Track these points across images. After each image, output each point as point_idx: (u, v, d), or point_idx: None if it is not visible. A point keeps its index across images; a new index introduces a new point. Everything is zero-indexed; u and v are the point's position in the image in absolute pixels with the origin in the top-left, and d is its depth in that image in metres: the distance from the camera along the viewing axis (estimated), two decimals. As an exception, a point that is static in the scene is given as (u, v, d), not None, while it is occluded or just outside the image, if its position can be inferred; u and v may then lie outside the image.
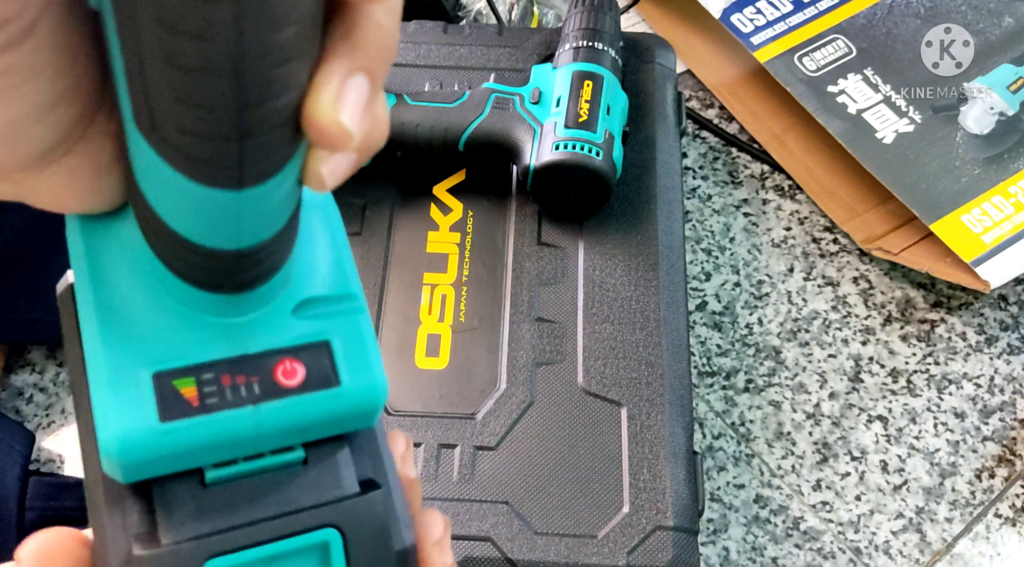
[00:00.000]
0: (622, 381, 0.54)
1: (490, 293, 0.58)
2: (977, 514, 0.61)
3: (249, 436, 0.21)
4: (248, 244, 0.19)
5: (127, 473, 0.20)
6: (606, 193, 0.59)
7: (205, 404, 0.20)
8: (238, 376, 0.20)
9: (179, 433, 0.20)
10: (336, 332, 0.22)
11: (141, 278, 0.20)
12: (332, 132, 0.16)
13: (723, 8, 0.77)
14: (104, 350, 0.20)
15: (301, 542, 0.21)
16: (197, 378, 0.20)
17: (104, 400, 0.19)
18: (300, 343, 0.21)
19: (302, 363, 0.21)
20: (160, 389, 0.20)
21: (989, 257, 0.65)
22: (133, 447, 0.19)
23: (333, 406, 0.21)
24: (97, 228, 0.21)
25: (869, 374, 0.65)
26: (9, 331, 0.60)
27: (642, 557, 0.49)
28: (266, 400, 0.20)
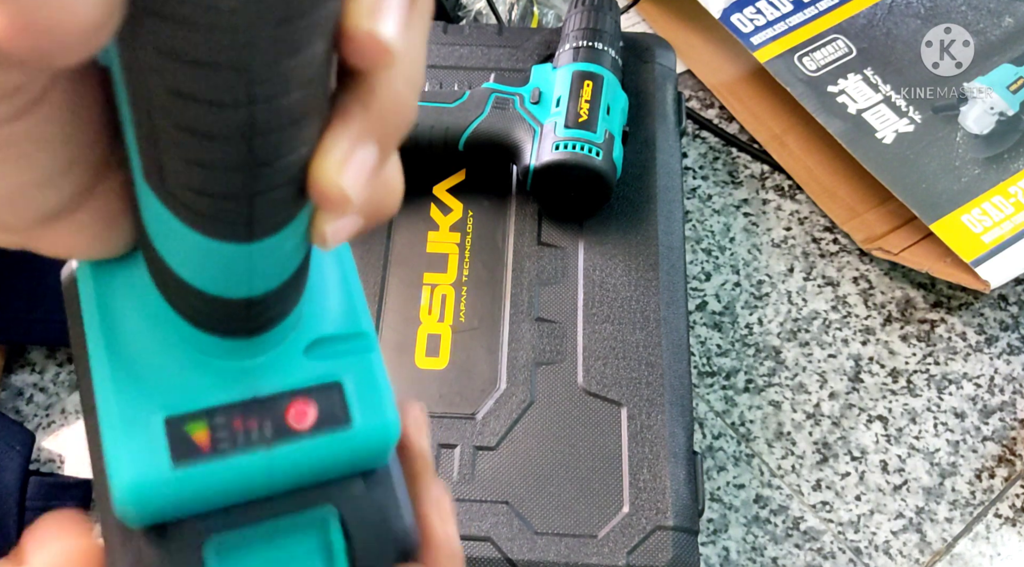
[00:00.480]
0: (622, 381, 0.54)
1: (490, 293, 0.58)
2: (977, 514, 0.61)
3: (262, 481, 0.21)
4: (259, 292, 0.19)
5: (138, 519, 0.20)
6: (606, 193, 0.59)
7: (217, 449, 0.20)
8: (250, 419, 0.20)
9: (191, 479, 0.19)
10: (347, 371, 0.21)
11: (151, 321, 0.20)
12: (332, 196, 0.16)
13: (723, 8, 0.77)
14: (115, 393, 0.20)
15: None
16: (209, 422, 0.20)
17: (116, 445, 0.19)
18: (311, 384, 0.21)
19: (314, 404, 0.21)
20: (172, 434, 0.20)
21: (989, 257, 0.65)
22: (145, 494, 0.19)
23: (345, 447, 0.21)
24: (107, 270, 0.21)
25: (869, 374, 0.65)
26: (9, 331, 0.60)
27: (642, 557, 0.49)
28: (278, 443, 0.20)
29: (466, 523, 0.50)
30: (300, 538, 0.22)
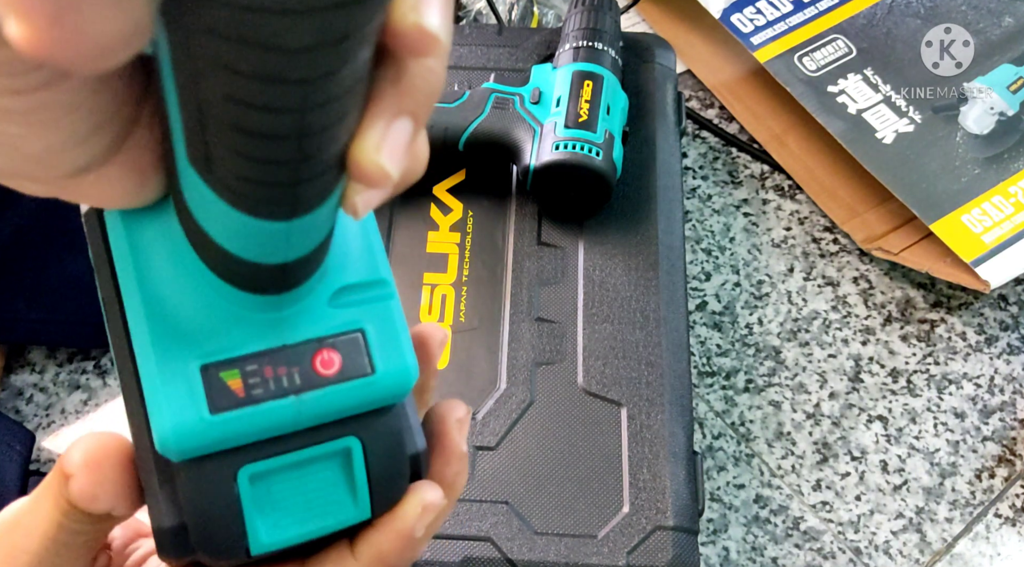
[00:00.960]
0: (622, 381, 0.54)
1: (490, 293, 0.58)
2: (977, 514, 0.61)
3: (290, 423, 0.22)
4: (293, 258, 0.20)
5: (179, 456, 0.22)
6: (606, 193, 0.59)
7: (251, 395, 0.21)
8: (280, 367, 0.22)
9: (227, 424, 0.21)
10: (369, 319, 0.23)
11: (184, 272, 0.21)
12: (374, 174, 0.17)
13: (723, 8, 0.77)
14: (152, 341, 0.21)
15: (326, 448, 0.23)
16: (241, 370, 0.21)
17: (156, 392, 0.21)
18: (336, 332, 0.22)
19: (338, 352, 0.22)
20: (208, 381, 0.21)
21: (989, 257, 0.65)
22: (186, 437, 0.21)
23: (369, 392, 0.23)
24: (138, 217, 0.22)
25: (869, 374, 0.65)
26: (9, 331, 0.60)
27: (642, 557, 0.49)
28: (306, 390, 0.22)
29: (466, 523, 0.50)
30: (325, 466, 0.24)
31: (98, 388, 0.62)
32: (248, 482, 0.22)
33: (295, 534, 0.24)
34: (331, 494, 0.24)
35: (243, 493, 0.22)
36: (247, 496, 0.22)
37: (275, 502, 0.23)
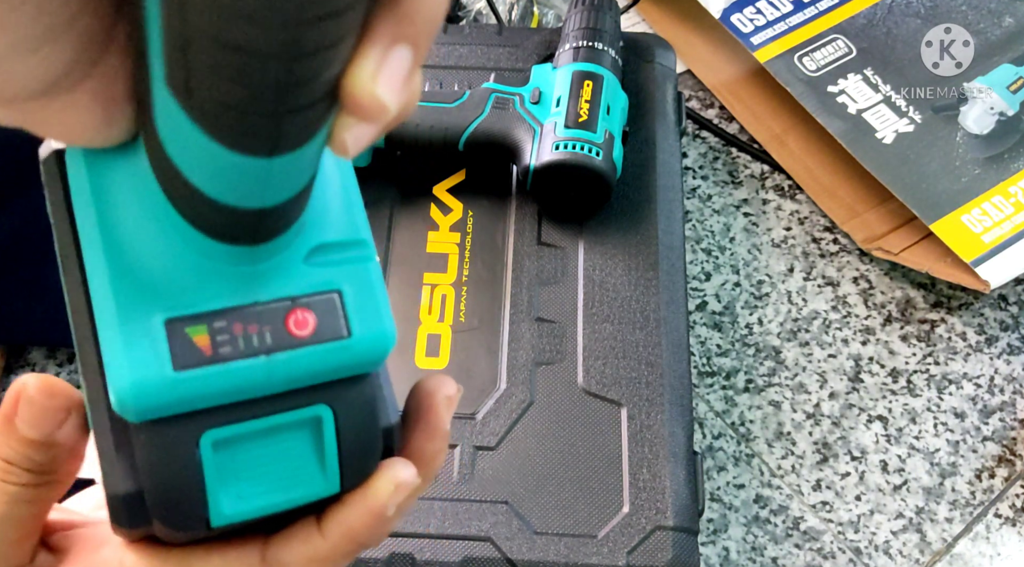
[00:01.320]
0: (622, 381, 0.54)
1: (490, 293, 0.58)
2: (977, 514, 0.61)
3: (260, 386, 0.21)
4: (271, 204, 0.19)
5: (137, 416, 0.20)
6: (606, 193, 0.59)
7: (218, 353, 0.20)
8: (250, 325, 0.20)
9: (192, 382, 0.20)
10: (347, 280, 0.21)
11: (151, 219, 0.20)
12: (369, 105, 0.16)
13: (723, 8, 0.77)
14: (114, 292, 0.19)
15: (295, 416, 0.22)
16: (209, 326, 0.20)
17: (116, 346, 0.19)
18: (312, 291, 0.21)
19: (313, 313, 0.21)
20: (172, 336, 0.19)
21: (989, 257, 0.65)
22: (145, 395, 0.19)
23: (344, 356, 0.21)
24: (103, 161, 0.20)
25: (869, 374, 0.65)
26: (9, 331, 0.60)
27: (642, 557, 0.49)
28: (278, 351, 0.20)
29: (466, 523, 0.50)
30: (294, 435, 0.22)
31: (98, 388, 0.62)
32: (211, 448, 0.21)
33: (259, 506, 0.22)
34: (299, 465, 0.22)
35: (205, 460, 0.21)
36: (209, 463, 0.21)
37: (239, 472, 0.22)
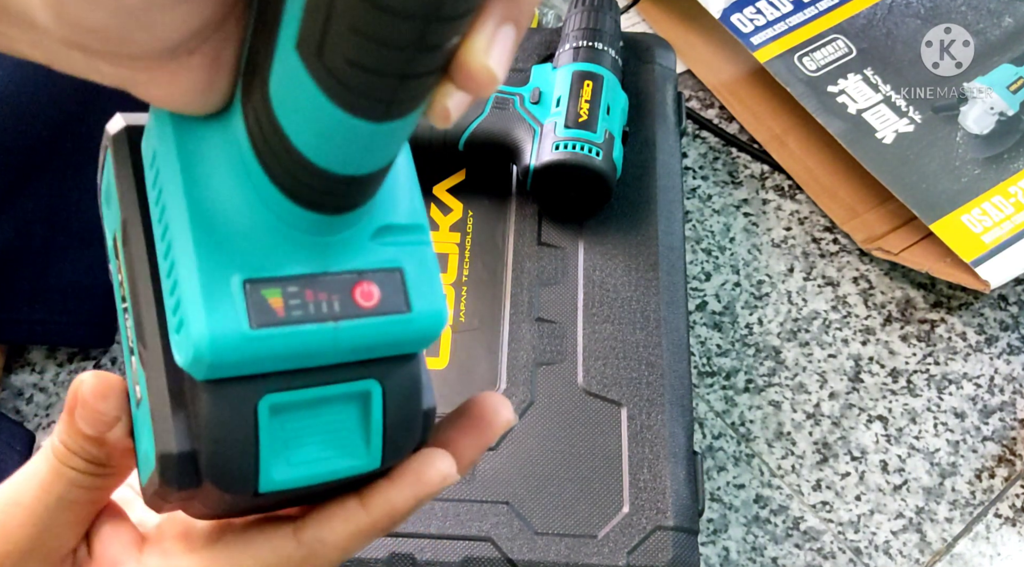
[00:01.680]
0: (622, 381, 0.54)
1: (490, 293, 0.58)
2: (977, 514, 0.61)
3: (324, 352, 0.22)
4: (364, 171, 0.20)
5: (208, 372, 0.21)
6: (606, 193, 0.59)
7: (291, 315, 0.21)
8: (320, 292, 0.21)
9: (265, 341, 0.21)
10: (408, 260, 0.23)
11: (237, 185, 0.21)
12: (481, 77, 0.18)
13: (723, 8, 0.77)
14: (196, 251, 0.20)
15: (347, 389, 0.23)
16: (283, 290, 0.21)
17: (195, 302, 0.20)
18: (377, 267, 0.22)
19: (378, 287, 0.22)
20: (250, 296, 0.21)
21: (989, 257, 0.65)
22: (223, 349, 0.20)
23: (403, 330, 0.22)
24: (192, 128, 0.21)
25: (869, 374, 0.65)
26: (9, 331, 0.60)
27: (642, 557, 0.49)
28: (345, 319, 0.22)
29: (466, 523, 0.50)
30: (344, 408, 0.23)
31: (98, 388, 0.62)
32: (268, 413, 0.22)
33: (305, 475, 0.23)
34: (345, 437, 0.23)
35: (262, 424, 0.22)
36: (265, 428, 0.22)
37: (290, 440, 0.23)
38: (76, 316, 0.61)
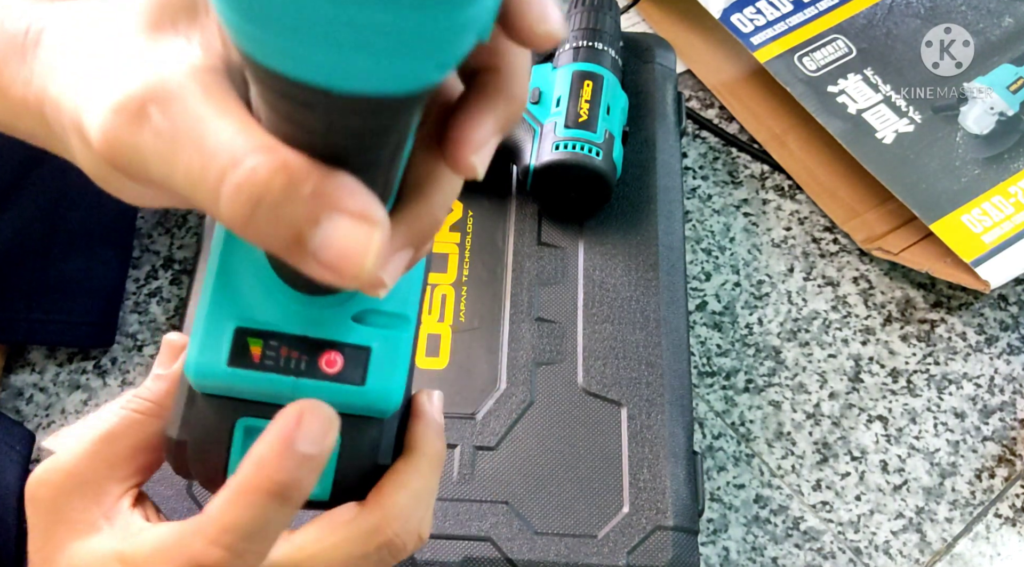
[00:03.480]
0: (622, 381, 0.54)
1: (490, 293, 0.58)
2: (977, 514, 0.61)
3: (285, 398, 0.26)
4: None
5: (197, 387, 0.27)
6: (606, 193, 0.59)
7: (263, 363, 0.26)
8: (293, 351, 0.26)
9: (236, 377, 0.26)
10: (381, 342, 0.27)
11: (253, 260, 0.26)
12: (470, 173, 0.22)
13: (723, 8, 0.77)
14: (212, 296, 0.26)
15: None
16: (264, 342, 0.26)
17: (198, 333, 0.26)
18: (348, 342, 0.26)
19: (343, 358, 0.26)
20: (236, 340, 0.26)
21: (989, 257, 0.65)
22: (201, 374, 0.26)
23: (352, 399, 0.27)
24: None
25: (869, 374, 0.65)
26: (9, 331, 0.60)
27: (642, 557, 0.49)
28: (305, 377, 0.26)
29: (466, 523, 0.50)
30: None
31: (98, 388, 0.62)
32: (243, 432, 0.27)
33: None
34: None
35: (236, 438, 0.27)
36: (238, 442, 0.27)
37: None
38: (76, 316, 0.61)
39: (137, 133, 0.20)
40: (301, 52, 0.16)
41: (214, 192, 0.19)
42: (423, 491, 0.29)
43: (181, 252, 0.68)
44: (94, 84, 0.22)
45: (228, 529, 0.25)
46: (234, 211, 0.19)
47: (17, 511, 0.52)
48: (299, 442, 0.24)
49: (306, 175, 0.19)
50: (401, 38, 0.16)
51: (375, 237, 0.19)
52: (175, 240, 0.68)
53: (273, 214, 0.19)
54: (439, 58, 0.17)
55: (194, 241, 0.68)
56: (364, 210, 0.19)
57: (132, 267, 0.67)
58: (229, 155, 0.19)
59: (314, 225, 0.19)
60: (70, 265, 0.60)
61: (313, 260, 0.19)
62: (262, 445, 0.24)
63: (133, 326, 0.64)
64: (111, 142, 0.21)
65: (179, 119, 0.20)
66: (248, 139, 0.19)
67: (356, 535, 0.28)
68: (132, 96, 0.20)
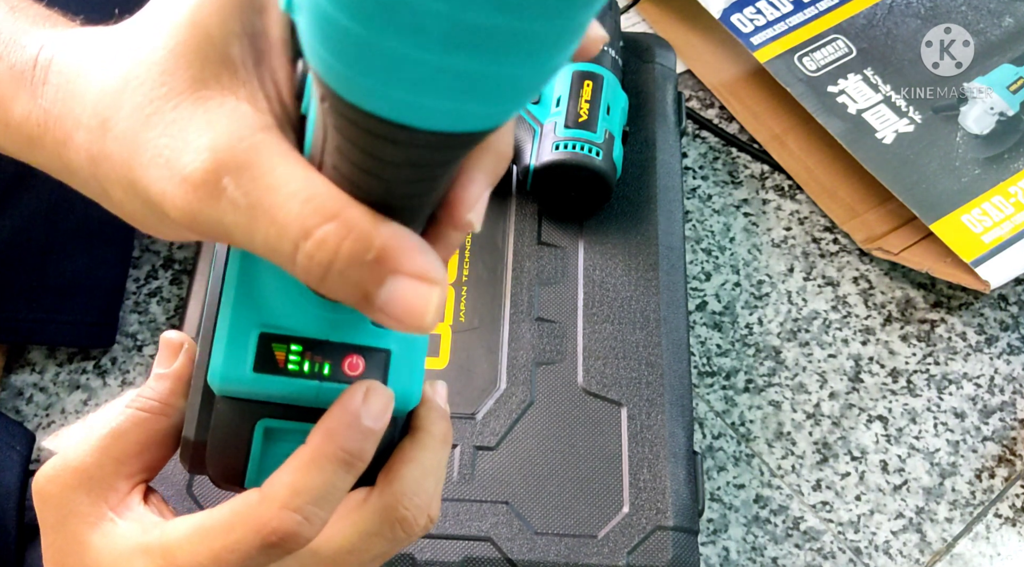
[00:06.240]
0: (622, 381, 0.54)
1: (490, 293, 0.58)
2: (977, 514, 0.61)
3: (308, 401, 0.27)
4: None
5: (221, 392, 0.28)
6: (606, 193, 0.59)
7: (287, 368, 0.27)
8: (317, 356, 0.27)
9: (261, 382, 0.27)
10: (399, 345, 0.28)
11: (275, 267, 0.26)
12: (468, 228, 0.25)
13: (723, 8, 0.77)
14: (235, 304, 0.27)
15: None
16: (288, 347, 0.27)
17: (222, 339, 0.27)
18: (368, 345, 0.27)
19: (364, 361, 0.27)
20: (261, 346, 0.27)
21: (989, 257, 0.65)
22: (227, 381, 0.27)
23: None
24: None
25: (869, 374, 0.65)
26: (9, 331, 0.60)
27: (642, 557, 0.49)
28: (330, 381, 0.27)
29: (466, 523, 0.50)
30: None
31: (98, 388, 0.62)
32: (263, 433, 0.28)
33: None
34: None
35: (256, 439, 0.28)
36: (257, 442, 0.28)
37: (275, 457, 0.28)
38: (76, 316, 0.61)
39: (216, 207, 0.22)
40: (414, 100, 0.17)
41: (291, 259, 0.21)
42: (430, 466, 0.30)
43: (181, 252, 0.68)
44: (152, 154, 0.22)
45: (300, 492, 0.26)
46: (309, 276, 0.21)
47: (17, 511, 0.52)
48: (364, 417, 0.26)
49: (369, 240, 0.21)
50: (508, 84, 0.17)
51: (434, 295, 0.21)
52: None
53: (343, 277, 0.21)
54: (528, 99, 0.19)
55: (194, 241, 0.68)
56: (423, 271, 0.21)
57: (132, 267, 0.67)
58: (300, 227, 0.21)
59: (379, 285, 0.21)
60: (70, 265, 0.60)
61: (381, 314, 0.21)
62: (331, 419, 0.26)
63: (133, 326, 0.64)
64: (190, 215, 0.22)
65: (252, 190, 0.21)
66: (316, 207, 0.21)
67: (369, 514, 0.29)
68: (207, 169, 0.21)
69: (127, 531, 0.29)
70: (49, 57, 0.25)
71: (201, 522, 0.27)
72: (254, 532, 0.26)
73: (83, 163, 0.24)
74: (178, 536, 0.27)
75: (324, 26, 0.17)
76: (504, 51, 0.16)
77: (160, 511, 0.30)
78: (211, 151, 0.21)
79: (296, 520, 0.26)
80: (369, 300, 0.21)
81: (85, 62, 0.24)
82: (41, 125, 0.24)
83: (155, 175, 0.22)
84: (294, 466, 0.26)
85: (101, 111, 0.23)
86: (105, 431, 0.30)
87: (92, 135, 0.23)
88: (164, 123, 0.22)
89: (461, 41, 0.16)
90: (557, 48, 0.17)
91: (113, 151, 0.23)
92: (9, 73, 0.25)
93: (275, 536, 0.26)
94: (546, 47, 0.17)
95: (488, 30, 0.15)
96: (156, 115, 0.22)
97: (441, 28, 0.15)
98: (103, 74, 0.24)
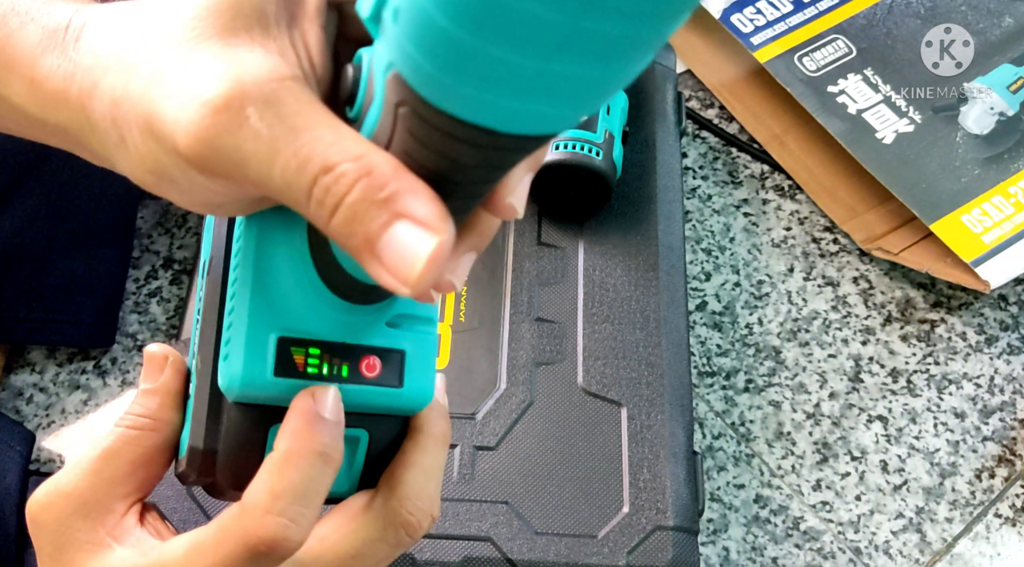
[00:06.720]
0: (622, 381, 0.54)
1: (490, 293, 0.58)
2: (977, 514, 0.61)
3: None
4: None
5: (235, 398, 0.27)
6: (606, 193, 0.59)
7: (306, 372, 0.27)
8: (335, 359, 0.27)
9: (282, 387, 0.26)
10: (412, 344, 0.28)
11: (292, 268, 0.27)
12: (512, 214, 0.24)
13: (723, 8, 0.77)
14: (250, 307, 0.26)
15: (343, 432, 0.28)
16: (306, 351, 0.27)
17: (239, 345, 0.26)
18: (384, 346, 0.28)
19: (381, 362, 0.27)
20: (280, 351, 0.26)
21: (989, 257, 0.65)
22: (247, 386, 0.26)
23: (391, 401, 0.28)
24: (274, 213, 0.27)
25: (869, 374, 0.65)
26: (9, 331, 0.60)
27: (642, 557, 0.49)
28: (348, 382, 0.27)
29: (466, 523, 0.50)
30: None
31: (98, 388, 0.62)
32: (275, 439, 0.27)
33: None
34: None
35: (269, 444, 0.27)
36: (269, 448, 0.27)
37: None
38: (76, 316, 0.61)
39: (235, 133, 0.21)
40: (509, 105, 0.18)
41: (306, 193, 0.21)
42: (431, 469, 0.30)
43: (181, 252, 0.68)
44: (173, 83, 0.22)
45: (280, 495, 0.26)
46: (320, 210, 0.21)
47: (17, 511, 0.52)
48: (322, 410, 0.26)
49: (386, 181, 0.20)
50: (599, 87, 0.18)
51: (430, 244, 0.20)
52: (175, 240, 0.68)
53: (352, 213, 0.21)
54: (603, 103, 0.19)
55: (194, 241, 0.68)
56: (428, 218, 0.21)
57: (132, 267, 0.67)
58: (323, 162, 0.21)
59: (385, 229, 0.21)
60: (70, 265, 0.60)
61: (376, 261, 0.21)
62: (291, 421, 0.26)
63: (133, 326, 0.64)
64: (206, 141, 0.21)
65: (276, 122, 0.21)
66: (343, 147, 0.21)
67: (372, 520, 0.29)
68: (231, 95, 0.21)
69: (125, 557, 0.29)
70: (82, 22, 0.25)
71: (194, 540, 0.27)
72: (242, 544, 0.26)
73: (106, 110, 0.24)
74: (175, 557, 0.27)
75: (427, 34, 0.17)
76: (607, 56, 0.17)
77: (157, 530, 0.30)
78: (237, 80, 0.21)
79: (281, 523, 0.26)
80: (371, 245, 0.21)
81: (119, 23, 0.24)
82: (69, 77, 0.24)
83: (173, 103, 0.22)
84: (268, 471, 0.26)
85: (131, 55, 0.23)
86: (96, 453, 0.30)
87: (118, 78, 0.23)
88: (190, 57, 0.22)
89: (571, 48, 0.16)
90: (650, 49, 0.17)
91: (136, 88, 0.23)
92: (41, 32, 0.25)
93: (263, 544, 0.26)
94: (643, 50, 0.17)
95: (598, 36, 0.16)
96: (183, 52, 0.22)
97: (554, 36, 0.16)
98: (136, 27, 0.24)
